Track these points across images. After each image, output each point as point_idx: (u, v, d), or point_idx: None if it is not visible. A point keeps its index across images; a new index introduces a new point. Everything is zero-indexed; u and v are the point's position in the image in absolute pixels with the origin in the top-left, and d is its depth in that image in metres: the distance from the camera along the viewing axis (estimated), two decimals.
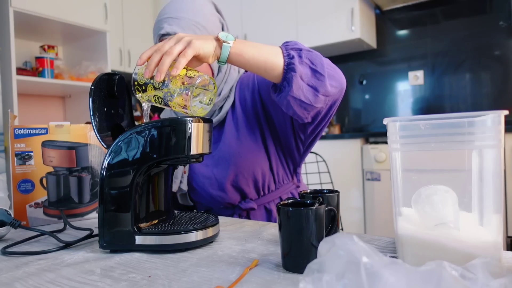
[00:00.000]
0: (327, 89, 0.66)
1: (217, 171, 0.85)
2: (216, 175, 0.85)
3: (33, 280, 0.44)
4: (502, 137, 0.40)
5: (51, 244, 0.60)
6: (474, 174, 0.43)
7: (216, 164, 0.85)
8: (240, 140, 0.84)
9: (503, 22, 2.26)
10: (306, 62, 0.64)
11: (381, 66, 2.70)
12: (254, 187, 0.86)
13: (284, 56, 0.63)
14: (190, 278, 0.44)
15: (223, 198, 0.85)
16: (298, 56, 0.63)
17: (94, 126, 0.59)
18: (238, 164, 0.83)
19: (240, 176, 0.83)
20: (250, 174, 0.84)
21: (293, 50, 0.64)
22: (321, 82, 0.65)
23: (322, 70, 0.65)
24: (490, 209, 0.41)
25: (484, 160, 0.42)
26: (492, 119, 0.40)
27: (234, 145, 0.84)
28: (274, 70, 0.62)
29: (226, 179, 0.83)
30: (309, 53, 0.65)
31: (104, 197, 0.55)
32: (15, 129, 0.74)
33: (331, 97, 0.69)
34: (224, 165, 0.84)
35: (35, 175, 0.76)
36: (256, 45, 0.63)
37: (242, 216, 0.87)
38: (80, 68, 2.54)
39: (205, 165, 0.86)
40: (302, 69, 0.63)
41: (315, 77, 0.64)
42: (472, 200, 0.44)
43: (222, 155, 0.84)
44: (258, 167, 0.84)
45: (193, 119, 0.55)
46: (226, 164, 0.84)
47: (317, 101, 0.67)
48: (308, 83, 0.64)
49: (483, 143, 0.41)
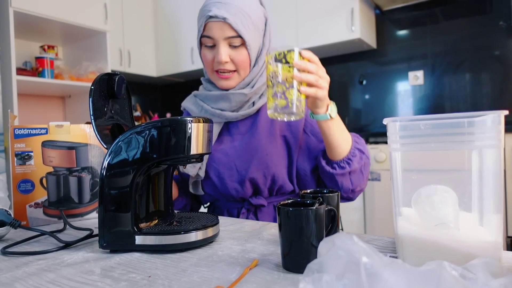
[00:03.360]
0: (361, 187, 0.82)
1: (239, 163, 0.85)
2: (238, 167, 0.85)
3: (33, 280, 0.44)
4: (502, 137, 0.40)
5: (51, 244, 0.60)
6: (474, 174, 0.43)
7: (239, 155, 0.85)
8: (271, 138, 0.85)
9: (503, 22, 2.26)
10: (359, 164, 0.78)
11: (381, 66, 2.70)
12: (269, 187, 0.86)
13: (351, 151, 0.77)
14: (190, 278, 0.44)
15: (237, 192, 0.85)
16: (359, 157, 0.78)
17: (94, 126, 0.59)
18: (262, 161, 0.83)
19: (261, 173, 0.84)
20: (270, 174, 0.84)
21: (358, 151, 0.78)
22: (360, 182, 0.81)
23: (366, 173, 0.81)
24: (490, 209, 0.41)
25: (484, 160, 0.42)
26: (492, 119, 0.40)
27: (263, 142, 0.84)
28: (338, 154, 0.76)
29: (247, 173, 0.83)
30: (367, 159, 0.81)
31: (104, 197, 0.55)
32: (15, 129, 0.74)
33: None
34: (247, 159, 0.84)
35: (35, 175, 0.76)
36: (341, 130, 0.75)
37: (250, 211, 0.87)
38: (80, 68, 2.54)
39: (226, 154, 0.86)
40: (354, 167, 0.77)
41: (357, 177, 0.80)
42: (472, 200, 0.44)
43: (248, 148, 0.84)
44: (279, 170, 0.84)
45: (193, 119, 0.55)
46: (249, 158, 0.84)
47: (348, 191, 0.81)
48: (351, 178, 0.79)
49: (483, 143, 0.41)
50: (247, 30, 0.80)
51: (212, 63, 0.84)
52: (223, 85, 0.85)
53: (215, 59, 0.82)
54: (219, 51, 0.81)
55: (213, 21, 0.80)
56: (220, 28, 0.79)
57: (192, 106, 0.93)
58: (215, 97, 0.87)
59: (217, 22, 0.79)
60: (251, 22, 0.81)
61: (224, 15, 0.78)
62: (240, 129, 0.88)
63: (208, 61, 0.84)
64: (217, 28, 0.80)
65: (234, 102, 0.85)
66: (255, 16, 0.82)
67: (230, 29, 0.79)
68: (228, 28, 0.79)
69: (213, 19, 0.79)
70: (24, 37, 2.48)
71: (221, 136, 0.90)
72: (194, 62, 3.13)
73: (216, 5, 0.79)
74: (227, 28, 0.79)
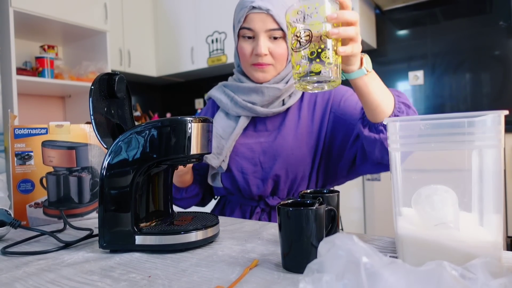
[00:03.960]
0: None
1: (264, 160, 0.84)
2: (262, 164, 0.84)
3: (33, 280, 0.44)
4: (502, 137, 0.40)
5: (51, 244, 0.60)
6: (474, 174, 0.43)
7: (265, 152, 0.84)
8: (297, 138, 0.84)
9: (503, 22, 2.26)
10: None
11: (381, 66, 2.70)
12: (289, 187, 0.85)
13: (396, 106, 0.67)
14: (190, 278, 0.44)
15: (258, 188, 0.85)
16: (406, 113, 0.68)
17: (94, 126, 0.59)
18: (287, 160, 0.82)
19: (284, 172, 0.83)
20: (293, 174, 0.83)
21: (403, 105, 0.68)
22: None
23: None
24: (490, 209, 0.41)
25: (484, 160, 0.42)
26: (492, 119, 0.40)
27: (290, 141, 0.83)
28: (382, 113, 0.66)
29: (272, 170, 0.83)
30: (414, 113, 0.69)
31: (104, 197, 0.55)
32: (15, 129, 0.74)
33: None
34: (273, 156, 0.83)
35: (35, 175, 0.76)
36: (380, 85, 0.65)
37: (265, 211, 0.86)
38: (80, 68, 2.54)
39: (251, 149, 0.85)
40: None
41: None
42: (472, 200, 0.44)
43: (274, 146, 0.84)
44: (301, 170, 0.83)
45: (193, 119, 0.55)
46: (275, 156, 0.83)
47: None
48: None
49: (483, 143, 0.41)
50: None
51: (250, 56, 0.82)
52: (259, 77, 0.83)
53: (253, 51, 0.81)
54: (259, 43, 0.79)
55: (255, 13, 0.78)
56: (262, 20, 0.78)
57: (221, 96, 0.90)
58: (248, 89, 0.85)
59: (260, 13, 0.78)
60: None
61: (268, 6, 0.77)
62: (267, 126, 0.87)
63: (246, 53, 0.82)
64: (259, 20, 0.78)
65: (267, 96, 0.83)
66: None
67: (272, 21, 0.78)
68: (271, 20, 0.78)
69: (256, 10, 0.78)
70: (24, 37, 2.48)
71: (247, 130, 0.88)
72: (194, 62, 3.13)
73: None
74: (270, 20, 0.78)
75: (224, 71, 3.22)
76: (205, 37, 3.05)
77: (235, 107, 0.86)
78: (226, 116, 0.89)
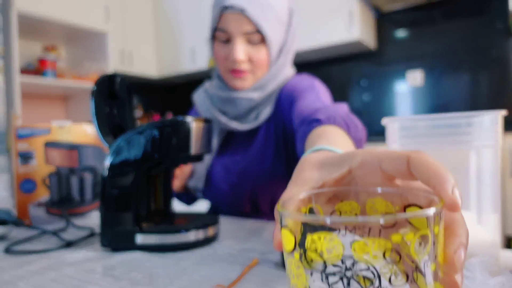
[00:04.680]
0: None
1: (238, 181, 0.79)
2: (238, 186, 0.79)
3: (35, 279, 0.45)
4: (500, 137, 0.40)
5: (53, 243, 0.60)
6: (472, 174, 0.43)
7: (240, 172, 0.78)
8: (269, 158, 0.77)
9: (501, 23, 2.26)
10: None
11: (380, 67, 2.70)
12: (270, 203, 0.80)
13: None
14: (190, 276, 0.44)
15: (236, 209, 0.81)
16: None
17: (96, 127, 0.60)
18: (263, 180, 0.76)
19: (260, 193, 0.77)
20: (272, 191, 0.77)
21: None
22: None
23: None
24: (488, 208, 0.42)
25: (482, 159, 0.42)
26: (490, 119, 0.40)
27: (262, 160, 0.77)
28: None
29: (247, 192, 0.78)
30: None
31: (106, 197, 0.55)
32: (18, 129, 0.75)
33: None
34: (248, 177, 0.78)
35: (38, 174, 0.76)
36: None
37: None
38: (82, 68, 2.56)
39: (227, 170, 0.80)
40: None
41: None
42: (470, 200, 0.44)
43: (247, 166, 0.78)
44: (279, 188, 0.76)
45: (194, 119, 0.55)
46: (248, 177, 0.77)
47: None
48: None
49: (481, 143, 0.41)
50: (268, 25, 0.69)
51: (225, 61, 0.73)
52: (237, 85, 0.75)
53: (229, 56, 0.71)
54: (234, 48, 0.69)
55: (229, 13, 0.68)
56: (237, 21, 0.68)
57: (201, 103, 0.83)
58: (221, 99, 0.78)
59: (234, 13, 0.68)
60: (274, 15, 0.69)
61: (243, 5, 0.66)
62: (243, 140, 0.80)
63: (221, 58, 0.73)
64: (234, 21, 0.68)
65: (240, 107, 0.76)
66: (279, 7, 0.70)
67: (248, 23, 0.68)
68: (247, 21, 0.68)
69: (229, 10, 0.68)
70: (27, 38, 2.49)
71: (225, 145, 0.82)
72: (195, 63, 3.14)
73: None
74: (245, 22, 0.68)
75: None
76: (206, 38, 3.05)
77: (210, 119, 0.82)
78: None
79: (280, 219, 0.22)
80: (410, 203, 0.24)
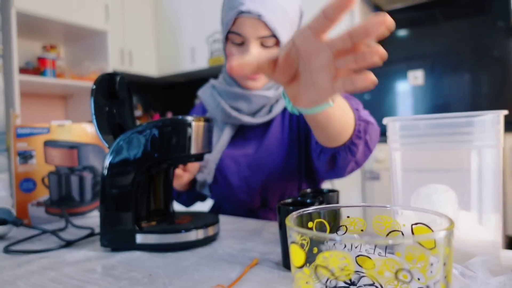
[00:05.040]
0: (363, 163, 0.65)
1: (249, 175, 0.79)
2: (248, 180, 0.79)
3: (35, 278, 0.45)
4: (501, 137, 0.40)
5: (52, 243, 0.60)
6: (473, 174, 0.43)
7: (250, 166, 0.79)
8: (283, 149, 0.78)
9: (502, 22, 2.26)
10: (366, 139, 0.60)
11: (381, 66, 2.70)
12: (279, 198, 0.80)
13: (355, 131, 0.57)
14: (190, 276, 0.44)
15: (245, 203, 0.81)
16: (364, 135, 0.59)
17: (96, 126, 0.59)
18: (274, 174, 0.77)
19: (271, 187, 0.78)
20: (282, 186, 0.78)
21: (363, 123, 0.59)
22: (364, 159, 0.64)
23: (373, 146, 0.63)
24: (489, 209, 0.42)
25: (483, 159, 0.42)
26: (491, 119, 0.40)
27: (276, 153, 0.78)
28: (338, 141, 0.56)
29: (258, 186, 0.78)
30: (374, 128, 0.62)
31: (106, 196, 0.55)
32: (18, 129, 0.74)
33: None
34: (258, 171, 0.78)
35: (37, 174, 0.76)
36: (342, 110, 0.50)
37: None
38: (81, 68, 2.55)
39: (237, 163, 0.80)
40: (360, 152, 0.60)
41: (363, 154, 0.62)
42: (471, 200, 0.44)
43: (259, 159, 0.79)
44: (290, 183, 0.78)
45: (194, 119, 0.55)
46: (261, 170, 0.78)
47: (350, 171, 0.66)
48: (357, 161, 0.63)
49: (482, 143, 0.41)
50: (283, 29, 0.70)
51: None
52: (249, 85, 0.77)
53: None
54: (249, 52, 0.70)
55: (245, 17, 0.68)
56: (252, 26, 0.69)
57: (209, 99, 0.84)
58: (235, 95, 0.79)
59: (250, 18, 0.68)
60: (287, 18, 0.71)
61: (260, 10, 0.67)
62: (255, 134, 0.82)
63: None
64: (250, 26, 0.69)
65: (254, 104, 0.78)
66: (291, 11, 0.71)
67: (264, 28, 0.69)
68: (263, 26, 0.69)
69: (245, 15, 0.68)
70: (26, 37, 2.49)
71: (234, 139, 0.83)
72: (195, 62, 3.14)
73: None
74: (261, 27, 0.69)
75: None
76: (206, 37, 3.05)
77: (221, 114, 0.81)
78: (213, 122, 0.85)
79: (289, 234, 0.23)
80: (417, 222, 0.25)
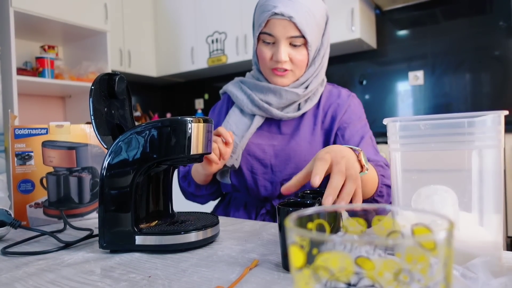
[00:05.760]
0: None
1: (275, 163, 0.84)
2: (273, 167, 0.84)
3: (33, 280, 0.44)
4: (502, 137, 0.40)
5: (51, 244, 0.60)
6: (474, 174, 0.43)
7: (276, 155, 0.84)
8: (311, 145, 0.83)
9: (503, 22, 2.26)
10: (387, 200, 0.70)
11: (381, 66, 2.70)
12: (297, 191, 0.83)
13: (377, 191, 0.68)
14: (190, 278, 0.44)
15: (266, 190, 0.84)
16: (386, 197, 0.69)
17: (94, 126, 0.59)
18: (299, 166, 0.81)
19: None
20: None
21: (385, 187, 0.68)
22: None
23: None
24: (490, 209, 0.41)
25: (484, 160, 0.42)
26: (492, 119, 0.40)
27: (304, 147, 0.83)
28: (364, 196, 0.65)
29: (282, 174, 0.82)
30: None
31: (104, 197, 0.55)
32: (15, 129, 0.74)
33: None
34: (284, 160, 0.83)
35: (35, 175, 0.76)
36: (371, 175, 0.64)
37: (269, 213, 0.85)
38: (80, 68, 2.55)
39: (263, 150, 0.85)
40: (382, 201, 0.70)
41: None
42: (472, 200, 0.44)
43: (287, 150, 0.83)
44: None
45: (193, 119, 0.55)
46: (287, 160, 0.82)
47: None
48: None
49: (483, 143, 0.41)
50: (310, 30, 0.78)
51: (269, 61, 0.82)
52: (278, 82, 0.83)
53: (273, 57, 0.80)
54: (279, 50, 0.78)
55: (277, 19, 0.76)
56: (283, 27, 0.76)
57: (238, 92, 0.89)
58: (266, 88, 0.84)
59: (282, 20, 0.76)
60: (315, 21, 0.78)
61: (291, 13, 0.75)
62: (281, 129, 0.87)
63: (265, 58, 0.82)
64: (281, 26, 0.77)
65: (285, 99, 0.83)
66: (319, 15, 0.79)
67: (294, 29, 0.76)
68: (293, 27, 0.76)
69: (278, 16, 0.76)
70: (25, 37, 2.48)
71: (260, 130, 0.88)
72: (194, 62, 3.13)
73: (282, 1, 0.76)
74: (292, 28, 0.76)
75: (224, 71, 3.22)
76: (205, 37, 3.05)
77: (250, 104, 0.86)
78: (241, 113, 0.88)
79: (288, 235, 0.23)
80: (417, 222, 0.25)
